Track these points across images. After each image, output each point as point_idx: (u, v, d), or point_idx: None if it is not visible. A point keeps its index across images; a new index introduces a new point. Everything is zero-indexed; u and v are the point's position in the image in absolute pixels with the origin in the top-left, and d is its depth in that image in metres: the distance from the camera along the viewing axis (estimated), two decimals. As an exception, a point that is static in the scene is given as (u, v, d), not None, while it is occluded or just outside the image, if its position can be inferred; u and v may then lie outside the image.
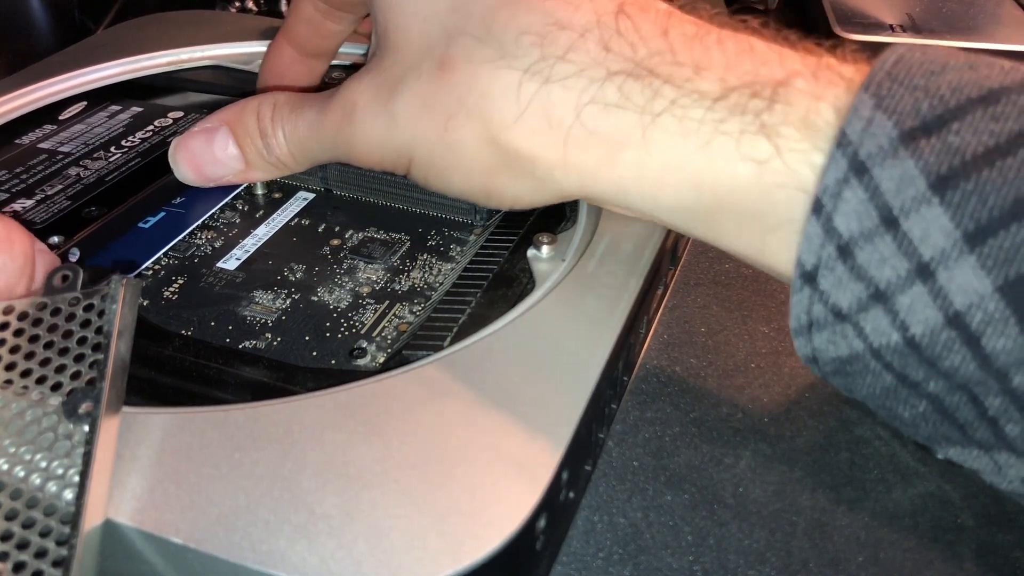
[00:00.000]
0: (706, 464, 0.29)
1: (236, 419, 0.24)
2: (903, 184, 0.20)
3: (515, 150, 0.26)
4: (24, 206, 0.35)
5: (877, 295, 0.21)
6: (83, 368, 0.22)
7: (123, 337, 0.22)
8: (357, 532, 0.21)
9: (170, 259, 0.33)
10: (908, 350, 0.21)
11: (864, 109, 0.21)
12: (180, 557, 0.21)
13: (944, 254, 0.20)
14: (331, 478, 0.22)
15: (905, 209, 0.20)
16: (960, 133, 0.20)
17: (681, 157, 0.24)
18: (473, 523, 0.21)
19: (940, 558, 0.26)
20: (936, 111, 0.21)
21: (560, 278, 0.29)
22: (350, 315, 0.30)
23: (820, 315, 0.23)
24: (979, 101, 0.21)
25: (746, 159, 0.23)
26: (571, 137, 0.25)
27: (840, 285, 0.22)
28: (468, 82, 0.26)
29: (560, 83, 0.25)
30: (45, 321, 0.22)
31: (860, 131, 0.21)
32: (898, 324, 0.21)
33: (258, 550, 0.21)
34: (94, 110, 0.42)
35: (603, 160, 0.25)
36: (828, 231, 0.21)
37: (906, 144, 0.21)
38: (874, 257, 0.21)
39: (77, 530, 0.20)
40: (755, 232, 0.24)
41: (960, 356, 0.21)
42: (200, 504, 0.22)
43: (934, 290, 0.20)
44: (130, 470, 0.23)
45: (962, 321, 0.20)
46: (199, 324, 0.29)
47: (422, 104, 0.27)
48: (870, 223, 0.21)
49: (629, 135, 0.24)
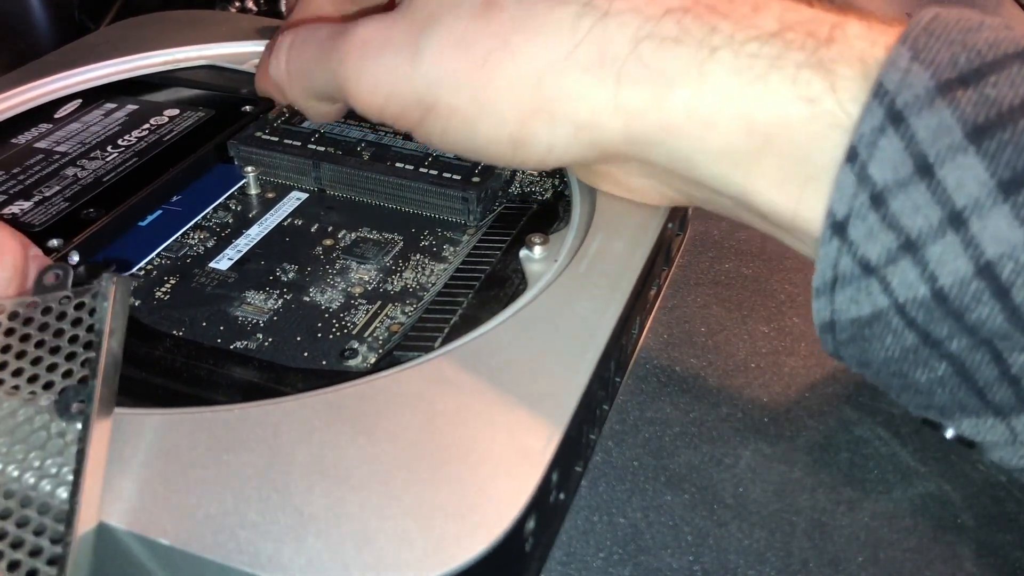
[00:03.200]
0: (706, 464, 0.28)
1: (225, 420, 0.24)
2: (939, 133, 0.20)
3: (561, 89, 0.25)
4: (22, 208, 0.35)
5: (907, 245, 0.21)
6: (75, 366, 0.22)
7: (115, 335, 0.22)
8: (345, 533, 0.21)
9: (163, 259, 0.33)
10: (935, 304, 0.21)
11: (902, 60, 0.21)
12: (168, 558, 0.21)
13: (978, 203, 0.20)
14: (319, 479, 0.22)
15: (940, 157, 0.20)
16: (997, 85, 0.20)
17: (735, 93, 0.24)
18: (461, 524, 0.21)
19: (940, 558, 0.26)
20: (973, 64, 0.21)
21: (552, 279, 0.29)
22: (342, 315, 0.30)
23: (847, 269, 0.22)
24: (1016, 56, 0.21)
25: (800, 97, 0.23)
26: (624, 73, 0.25)
27: (871, 235, 0.22)
28: (517, 21, 0.25)
29: (617, 17, 0.24)
30: (36, 320, 0.22)
31: (897, 81, 0.21)
32: (927, 276, 0.21)
33: (246, 551, 0.21)
34: (89, 108, 0.42)
35: (655, 98, 0.24)
36: (862, 179, 0.21)
37: (943, 94, 0.21)
38: (907, 205, 0.21)
39: (72, 528, 0.20)
40: (796, 180, 0.24)
41: (988, 308, 0.21)
42: (188, 505, 0.22)
43: (966, 239, 0.20)
44: (118, 471, 0.22)
45: (992, 271, 0.20)
46: (190, 324, 0.29)
47: (456, 41, 0.26)
48: (905, 171, 0.21)
49: (685, 70, 0.24)
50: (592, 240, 0.30)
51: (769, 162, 0.24)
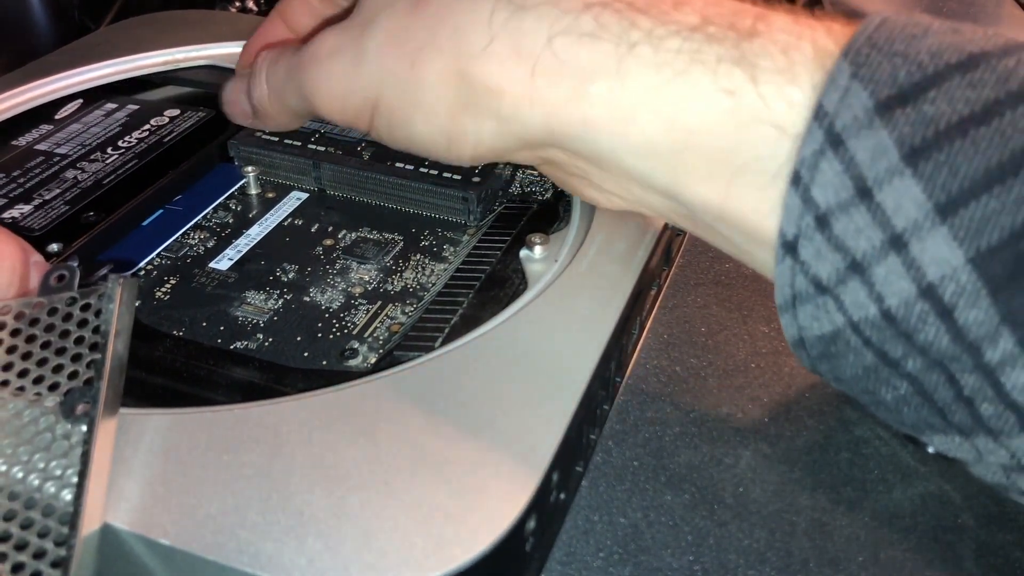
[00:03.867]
0: (706, 464, 0.28)
1: (225, 420, 0.24)
2: (877, 155, 0.20)
3: (481, 82, 0.25)
4: (22, 212, 0.34)
5: (854, 266, 0.21)
6: (80, 368, 0.22)
7: (120, 337, 0.22)
8: (345, 533, 0.21)
9: (163, 259, 0.33)
10: (885, 323, 0.21)
11: (841, 78, 0.21)
12: (169, 558, 0.21)
13: (916, 225, 0.20)
14: (319, 479, 0.22)
15: (879, 180, 0.20)
16: (936, 102, 0.20)
17: (655, 89, 0.23)
18: (462, 524, 0.21)
19: (940, 558, 0.26)
20: (913, 78, 0.21)
21: (552, 279, 0.29)
22: (342, 315, 0.30)
23: (802, 287, 0.22)
24: (957, 67, 0.21)
25: (721, 90, 0.23)
26: (540, 67, 0.24)
27: (819, 256, 0.22)
28: (442, 13, 0.25)
29: (533, 10, 0.24)
30: (42, 321, 0.22)
31: (836, 101, 0.21)
32: (875, 296, 0.21)
33: (246, 551, 0.21)
34: (90, 108, 0.42)
35: (572, 93, 0.24)
36: (806, 201, 0.21)
37: (881, 114, 0.21)
38: (850, 228, 0.21)
39: (76, 530, 0.20)
40: (722, 175, 0.23)
41: (934, 329, 0.21)
42: (189, 505, 0.22)
43: (907, 261, 0.20)
44: (118, 470, 0.22)
45: (935, 293, 0.20)
46: (191, 324, 0.29)
47: (392, 39, 0.26)
48: (846, 194, 0.21)
49: (602, 66, 0.24)
50: (592, 240, 0.30)
51: (693, 156, 0.24)
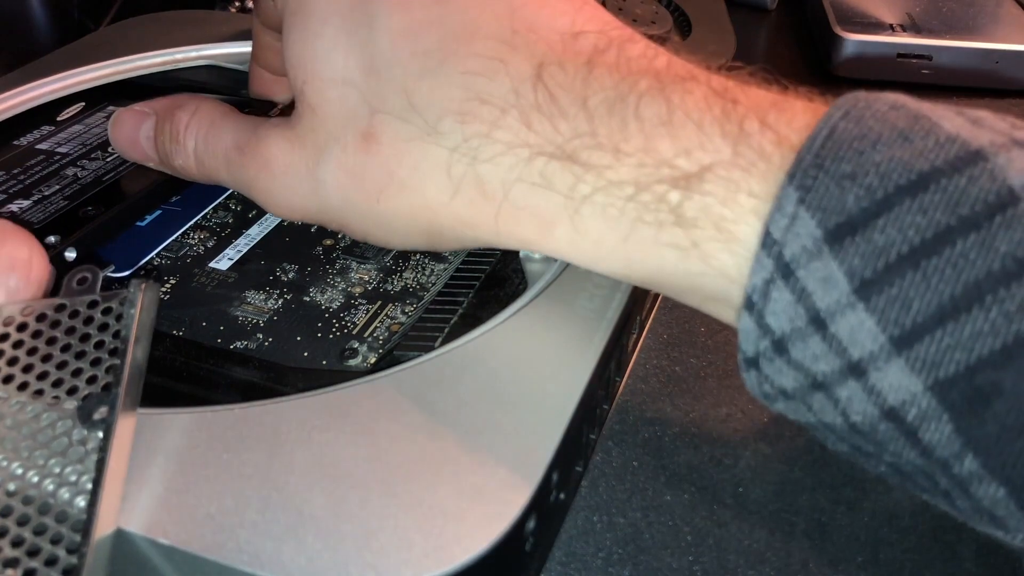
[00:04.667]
0: (706, 464, 0.29)
1: (225, 420, 0.24)
2: (828, 286, 0.20)
3: (452, 223, 0.26)
4: (21, 207, 0.34)
5: (816, 385, 0.21)
6: (99, 372, 0.21)
7: (140, 343, 0.22)
8: (344, 533, 0.21)
9: (162, 259, 0.33)
10: (853, 432, 0.22)
11: (788, 205, 0.21)
12: (169, 557, 0.21)
13: (873, 355, 0.20)
14: (319, 479, 0.22)
15: (831, 311, 0.20)
16: (885, 230, 0.20)
17: (608, 241, 0.24)
18: (461, 524, 0.21)
19: (940, 558, 0.26)
20: (862, 204, 0.20)
21: (552, 278, 0.29)
22: (342, 315, 0.30)
23: (770, 392, 0.23)
24: (907, 189, 0.20)
25: (668, 246, 0.23)
26: (503, 212, 0.25)
27: (781, 373, 0.22)
28: (397, 157, 0.26)
29: (488, 162, 0.25)
30: (63, 323, 0.22)
31: (784, 229, 0.21)
32: (840, 411, 0.21)
33: (246, 551, 0.21)
34: (92, 111, 0.42)
35: (537, 233, 0.25)
36: (762, 327, 0.21)
37: (830, 244, 0.20)
38: (808, 354, 0.21)
39: (88, 539, 0.20)
40: (691, 300, 0.24)
41: (901, 444, 0.21)
42: (188, 505, 0.22)
43: (867, 387, 0.20)
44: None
45: (897, 415, 0.20)
46: (190, 324, 0.29)
47: (350, 176, 0.27)
48: (800, 323, 0.21)
49: (557, 215, 0.24)
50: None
51: (661, 289, 0.25)
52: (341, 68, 0.26)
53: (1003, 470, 0.19)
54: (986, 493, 0.20)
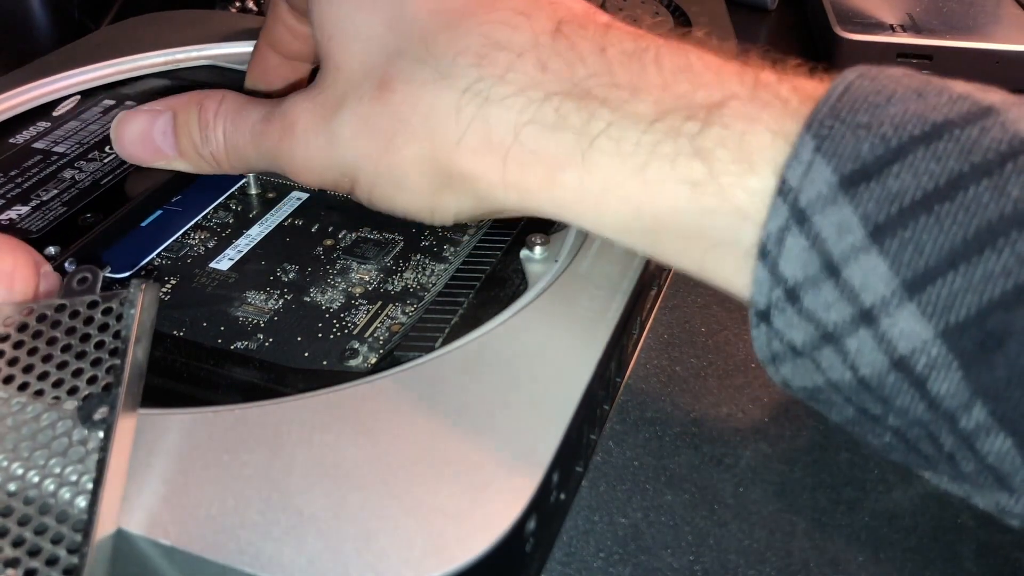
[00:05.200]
0: (706, 464, 0.28)
1: (226, 420, 0.24)
2: (842, 231, 0.20)
3: (457, 170, 0.26)
4: (20, 213, 0.34)
5: (827, 336, 0.21)
6: (100, 373, 0.22)
7: (140, 343, 0.22)
8: (345, 534, 0.21)
9: (163, 260, 0.33)
10: (861, 388, 0.21)
11: (805, 152, 0.21)
12: (170, 558, 0.21)
13: (885, 301, 0.20)
14: (319, 479, 0.22)
15: (845, 257, 0.20)
16: (900, 176, 0.20)
17: (619, 179, 0.24)
18: (462, 525, 0.21)
19: (940, 558, 0.26)
20: (877, 151, 0.20)
21: (553, 279, 0.29)
22: (342, 316, 0.30)
23: (779, 350, 0.23)
24: (921, 138, 0.20)
25: (682, 181, 0.23)
26: (511, 157, 0.25)
27: (792, 325, 0.22)
28: (409, 102, 0.26)
29: (499, 103, 0.25)
30: (63, 323, 0.22)
31: (800, 176, 0.21)
32: (849, 364, 0.21)
33: (246, 552, 0.21)
34: (88, 105, 0.42)
35: (543, 180, 0.25)
36: (775, 275, 0.21)
37: (845, 190, 0.20)
38: (819, 302, 0.21)
39: (89, 539, 0.20)
40: (695, 250, 0.24)
41: (909, 397, 0.21)
42: (189, 505, 0.22)
43: (878, 335, 0.20)
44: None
45: (907, 365, 0.20)
46: (191, 325, 0.29)
47: (364, 124, 0.27)
48: (813, 269, 0.21)
49: (568, 156, 0.24)
50: (592, 240, 0.30)
51: (665, 235, 0.24)
52: (365, 24, 0.27)
53: (1011, 418, 0.20)
54: (992, 447, 0.20)
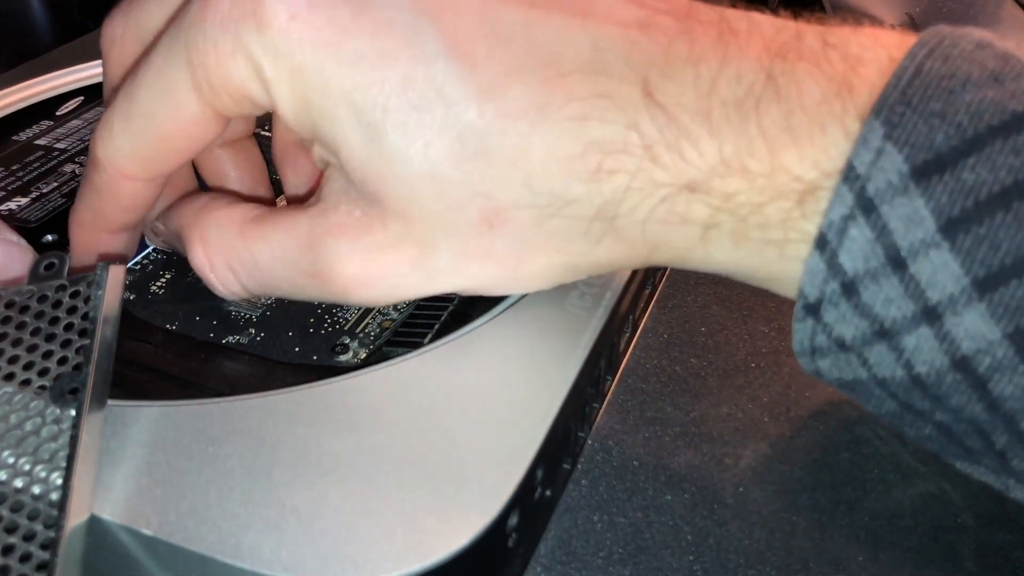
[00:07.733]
0: (706, 464, 0.28)
1: (211, 413, 0.24)
2: (912, 224, 0.19)
3: (593, 266, 0.24)
4: (19, 204, 0.35)
5: (882, 332, 0.20)
6: (69, 354, 0.22)
7: (109, 323, 0.22)
8: (326, 527, 0.21)
9: (158, 254, 0.32)
10: (913, 385, 0.21)
11: (874, 139, 0.20)
12: (152, 548, 0.21)
13: (952, 299, 0.19)
14: (302, 472, 0.22)
15: (913, 251, 0.19)
16: (976, 169, 0.19)
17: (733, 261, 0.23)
18: (443, 519, 0.21)
19: (940, 558, 0.25)
20: (952, 142, 0.19)
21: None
22: (334, 311, 0.29)
23: (823, 344, 0.22)
24: (999, 130, 0.19)
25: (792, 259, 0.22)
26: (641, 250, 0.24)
27: (844, 320, 0.21)
28: (532, 229, 0.23)
29: (626, 216, 0.23)
30: (31, 308, 0.22)
31: (868, 164, 0.20)
32: (903, 362, 0.20)
33: (227, 543, 0.21)
34: (91, 105, 0.42)
35: (675, 260, 0.24)
36: (832, 267, 0.20)
37: (917, 180, 0.19)
38: (879, 297, 0.20)
39: (64, 512, 0.20)
40: None
41: (966, 397, 0.20)
42: (172, 496, 0.22)
43: (940, 334, 0.19)
44: (105, 461, 0.22)
45: (969, 365, 0.19)
46: (184, 318, 0.29)
47: (478, 259, 0.24)
48: (876, 262, 0.20)
49: (691, 246, 0.23)
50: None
51: None
52: (422, 160, 0.22)
53: None
54: None
